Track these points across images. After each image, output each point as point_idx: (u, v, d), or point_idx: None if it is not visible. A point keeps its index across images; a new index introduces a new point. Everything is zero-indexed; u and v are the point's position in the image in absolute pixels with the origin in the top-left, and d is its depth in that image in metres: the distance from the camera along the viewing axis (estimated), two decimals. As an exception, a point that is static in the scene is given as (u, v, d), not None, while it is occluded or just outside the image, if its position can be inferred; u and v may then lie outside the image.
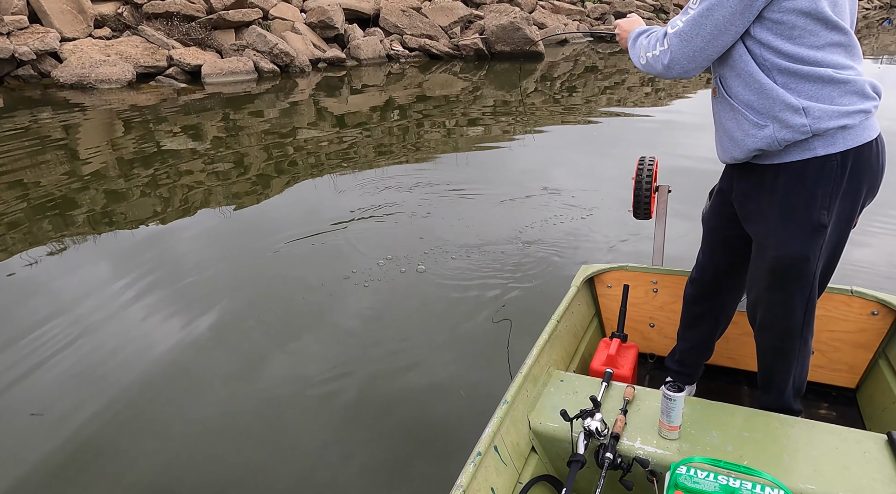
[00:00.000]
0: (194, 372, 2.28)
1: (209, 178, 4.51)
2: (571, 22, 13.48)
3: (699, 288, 1.69)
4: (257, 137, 5.63)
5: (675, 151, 5.14)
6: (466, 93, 7.85)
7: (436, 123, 6.27)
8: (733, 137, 1.37)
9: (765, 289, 1.44)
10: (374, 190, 4.29)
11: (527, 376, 1.49)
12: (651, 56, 1.33)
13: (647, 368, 2.02)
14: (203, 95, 7.46)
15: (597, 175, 4.58)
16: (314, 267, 3.09)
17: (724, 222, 1.57)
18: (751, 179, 1.41)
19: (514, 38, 10.46)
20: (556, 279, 2.97)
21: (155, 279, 2.97)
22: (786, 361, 1.51)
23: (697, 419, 1.40)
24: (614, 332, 1.84)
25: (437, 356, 2.37)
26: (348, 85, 8.38)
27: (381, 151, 5.30)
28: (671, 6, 15.55)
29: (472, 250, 3.31)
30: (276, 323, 2.61)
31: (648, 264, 2.00)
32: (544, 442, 1.45)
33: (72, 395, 2.13)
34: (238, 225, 3.66)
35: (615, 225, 3.66)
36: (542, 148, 5.37)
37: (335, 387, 2.19)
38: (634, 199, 1.98)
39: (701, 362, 1.80)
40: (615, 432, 1.34)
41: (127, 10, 8.56)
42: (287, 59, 8.83)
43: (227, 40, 8.93)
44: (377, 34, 10.52)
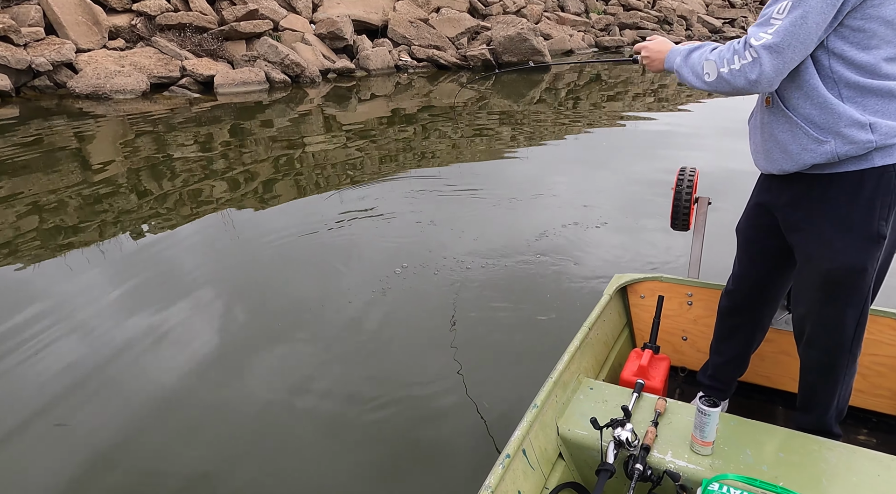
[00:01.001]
0: (213, 381, 2.31)
1: (219, 186, 4.56)
2: (577, 33, 13.60)
3: (735, 300, 1.66)
4: (267, 146, 5.70)
5: (680, 161, 5.18)
6: (472, 103, 7.93)
7: (442, 133, 6.33)
8: (787, 151, 1.33)
9: (816, 302, 1.40)
10: (386, 199, 4.33)
11: (557, 381, 1.49)
12: (728, 72, 1.25)
13: (678, 381, 1.99)
14: (215, 105, 7.55)
15: (603, 184, 4.62)
16: (328, 276, 3.12)
17: (761, 234, 1.53)
18: (797, 189, 1.37)
19: (522, 48, 10.56)
20: (567, 291, 3.00)
21: (161, 287, 3.00)
22: (832, 379, 1.46)
23: (731, 436, 1.37)
24: (646, 343, 1.82)
25: (443, 363, 2.39)
26: (357, 95, 8.47)
27: (392, 159, 5.35)
28: (675, 17, 15.68)
29: (482, 257, 3.34)
30: (301, 335, 2.64)
31: (683, 276, 1.97)
32: (572, 449, 1.44)
33: (87, 404, 2.15)
34: (246, 233, 3.69)
35: (622, 235, 3.69)
36: (548, 156, 5.41)
37: (370, 397, 2.21)
38: (673, 209, 1.95)
39: (734, 377, 1.75)
40: (646, 443, 1.32)
41: (140, 22, 8.68)
42: (298, 69, 8.93)
43: (238, 51, 9.04)
44: (386, 45, 10.64)
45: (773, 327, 1.78)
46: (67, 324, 2.66)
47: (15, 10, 7.69)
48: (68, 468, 1.84)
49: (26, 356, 2.43)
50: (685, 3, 16.89)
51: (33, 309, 2.78)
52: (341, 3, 10.92)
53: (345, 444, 1.93)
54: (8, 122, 6.37)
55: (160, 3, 8.77)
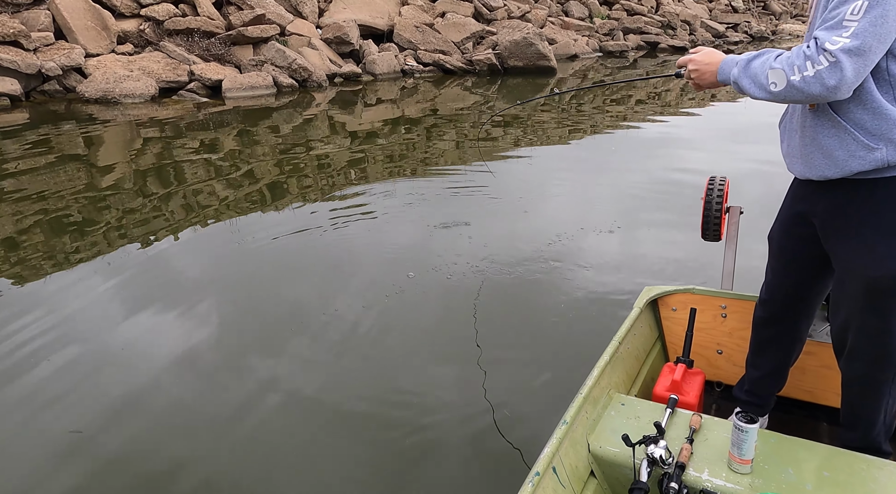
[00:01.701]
0: (216, 391, 2.31)
1: (226, 190, 4.56)
2: (581, 37, 13.65)
3: (770, 310, 1.60)
4: (274, 151, 5.72)
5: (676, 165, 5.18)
6: (478, 106, 7.95)
7: (447, 136, 6.34)
8: (832, 156, 1.27)
9: (858, 312, 1.35)
10: (393, 202, 4.34)
11: (587, 397, 1.45)
12: (800, 79, 1.16)
13: (714, 397, 1.93)
14: (224, 109, 7.58)
15: (610, 188, 4.62)
16: (338, 281, 3.10)
17: (797, 242, 1.48)
18: (838, 195, 1.32)
19: (528, 53, 10.60)
20: (583, 298, 3.00)
21: (163, 290, 2.99)
22: (876, 393, 1.39)
23: (771, 453, 1.31)
24: (679, 357, 1.75)
25: (448, 370, 2.39)
26: (363, 99, 8.50)
27: (398, 163, 5.36)
28: (678, 22, 15.73)
29: (493, 263, 3.33)
30: (323, 340, 2.63)
31: (717, 288, 1.91)
32: (604, 467, 1.40)
33: (92, 410, 2.15)
34: (252, 237, 3.68)
35: (635, 239, 3.68)
36: (553, 159, 5.42)
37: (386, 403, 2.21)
38: (703, 220, 1.90)
39: (773, 392, 1.69)
40: (680, 461, 1.28)
41: (149, 27, 8.73)
42: (305, 74, 8.97)
43: (245, 56, 9.08)
44: (392, 49, 10.68)
45: (814, 339, 1.73)
46: (67, 328, 2.66)
47: (25, 16, 7.73)
48: (73, 472, 1.84)
49: (24, 357, 2.43)
50: (688, 9, 16.95)
51: (38, 310, 2.78)
52: (347, 7, 10.98)
53: (364, 461, 1.93)
54: (18, 126, 6.40)
55: (168, 8, 8.82)
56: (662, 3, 16.15)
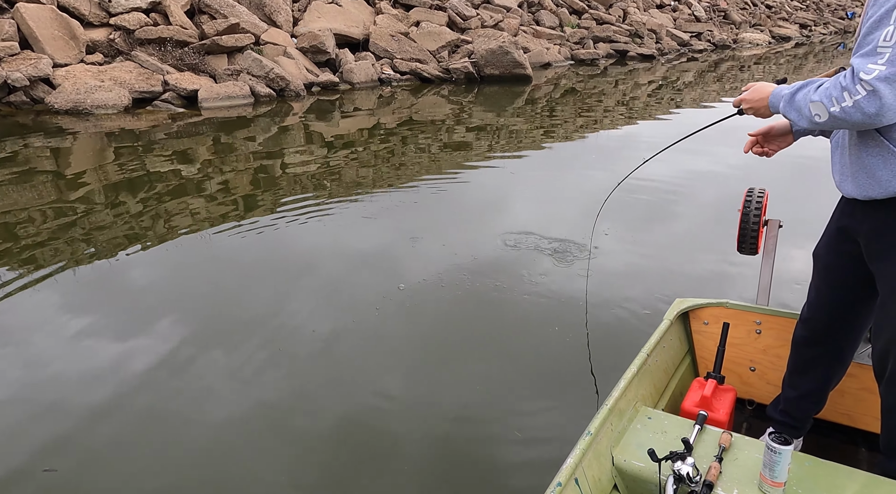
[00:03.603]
0: (190, 404, 2.26)
1: (200, 202, 4.46)
2: (553, 46, 13.90)
3: (812, 329, 1.55)
4: (251, 161, 5.63)
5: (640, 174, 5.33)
6: (453, 115, 8.00)
7: (424, 146, 6.37)
8: (876, 176, 1.27)
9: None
10: (374, 212, 4.33)
11: (612, 409, 1.41)
12: (840, 110, 1.17)
13: (745, 415, 1.88)
14: (200, 120, 7.44)
15: (591, 193, 4.71)
16: (327, 293, 3.05)
17: (843, 261, 1.46)
18: (883, 215, 1.30)
19: (504, 61, 10.74)
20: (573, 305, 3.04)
21: (133, 305, 2.91)
22: None
23: (805, 477, 1.26)
24: (710, 372, 1.70)
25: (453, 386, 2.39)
26: (340, 109, 8.46)
27: (376, 172, 5.35)
28: (645, 31, 16.18)
29: (470, 273, 3.36)
30: (306, 355, 2.60)
31: (752, 303, 1.87)
32: (628, 481, 1.37)
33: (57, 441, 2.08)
34: (225, 249, 3.60)
35: (630, 245, 3.76)
36: (528, 166, 5.50)
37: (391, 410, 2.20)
38: (740, 232, 1.87)
39: (810, 414, 1.64)
40: (708, 480, 1.24)
41: (119, 36, 8.50)
42: (282, 83, 8.88)
43: (220, 65, 8.93)
44: (368, 58, 10.67)
45: (856, 361, 1.67)
46: (28, 345, 2.57)
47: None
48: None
49: None
50: (654, 18, 17.46)
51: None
52: (322, 16, 10.93)
53: (394, 471, 1.91)
54: (-16, 139, 6.14)
55: (139, 16, 8.61)
56: (629, 12, 16.59)
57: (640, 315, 2.82)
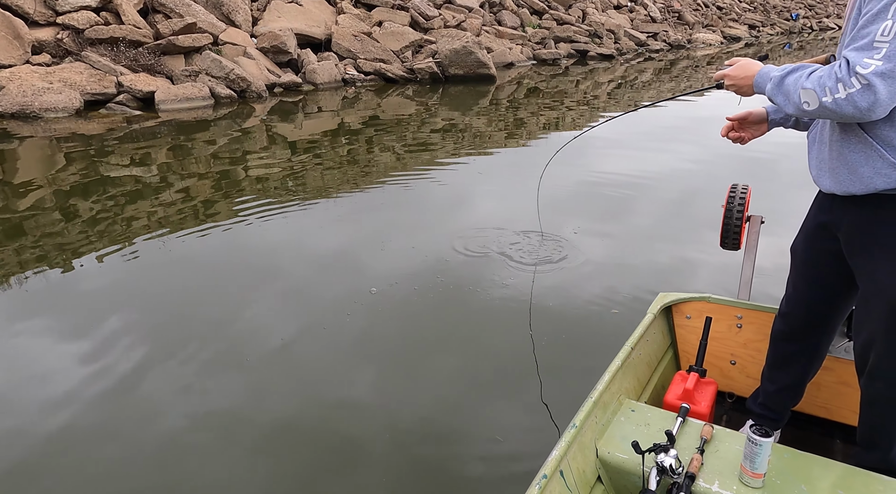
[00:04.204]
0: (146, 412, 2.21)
1: (157, 207, 4.33)
2: (515, 46, 14.05)
3: (790, 324, 1.57)
4: (210, 164, 5.50)
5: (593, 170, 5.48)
6: (418, 115, 8.00)
7: (389, 146, 6.36)
8: (857, 173, 1.25)
9: (881, 331, 1.32)
10: (342, 214, 4.30)
11: (597, 402, 1.43)
12: (832, 101, 1.15)
13: (725, 408, 1.91)
14: (157, 122, 7.21)
15: (567, 190, 4.80)
16: (296, 299, 3.00)
17: (822, 257, 1.45)
18: (862, 211, 1.30)
19: (468, 61, 10.79)
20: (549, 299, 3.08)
21: (85, 313, 2.81)
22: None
23: (784, 469, 1.29)
24: (692, 366, 1.72)
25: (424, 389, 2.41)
26: (303, 110, 8.35)
27: (340, 174, 5.31)
28: (604, 31, 16.53)
29: (442, 274, 3.39)
30: (272, 362, 2.57)
31: (733, 298, 1.89)
32: (612, 473, 1.39)
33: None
34: (184, 256, 3.51)
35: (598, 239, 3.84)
36: (491, 166, 5.56)
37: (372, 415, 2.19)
38: (723, 228, 1.88)
39: (788, 407, 1.66)
40: (690, 471, 1.26)
41: (67, 36, 8.15)
42: (244, 84, 8.69)
43: (177, 66, 8.68)
44: (331, 59, 10.55)
45: (832, 355, 1.70)
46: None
47: (-79, 23, 7.02)
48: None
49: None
50: (612, 18, 17.86)
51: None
52: (282, 16, 10.74)
53: (367, 470, 1.90)
54: (-79, 145, 5.79)
55: (88, 15, 8.27)
56: (588, 13, 16.92)
57: (608, 311, 2.89)
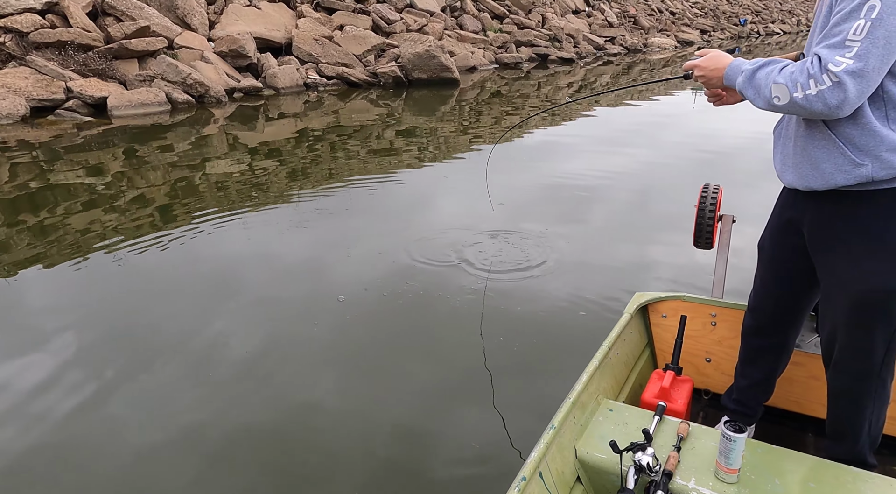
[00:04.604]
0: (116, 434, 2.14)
1: (109, 216, 4.17)
2: (477, 50, 14.17)
3: (759, 319, 1.59)
4: (166, 171, 5.35)
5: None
6: (383, 120, 7.97)
7: (352, 151, 6.32)
8: (819, 168, 1.27)
9: (843, 325, 1.34)
10: (306, 220, 4.25)
11: (575, 402, 1.43)
12: (802, 97, 1.16)
13: (702, 404, 1.91)
14: (110, 129, 6.95)
15: (526, 192, 4.87)
16: (260, 309, 2.94)
17: (788, 253, 1.46)
18: (824, 207, 1.31)
19: (431, 65, 10.82)
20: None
21: (33, 333, 2.69)
22: (861, 405, 1.40)
23: (758, 463, 1.31)
24: (668, 364, 1.74)
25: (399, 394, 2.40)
26: (265, 114, 8.20)
27: (302, 179, 5.25)
28: (563, 35, 16.85)
29: (412, 280, 3.39)
30: (237, 376, 2.51)
31: (707, 296, 1.91)
32: (591, 473, 1.39)
33: None
34: (139, 267, 3.39)
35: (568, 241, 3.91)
36: (453, 170, 5.60)
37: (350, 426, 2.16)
38: (696, 227, 1.90)
39: (761, 402, 1.68)
40: (667, 469, 1.27)
41: (10, 40, 7.78)
42: (202, 89, 8.47)
43: (131, 70, 8.39)
44: (293, 63, 10.40)
45: (802, 350, 1.73)
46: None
47: None
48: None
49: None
50: (571, 23, 18.23)
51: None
52: (240, 20, 10.54)
53: (348, 472, 1.87)
54: None
55: (33, 18, 7.92)
56: (548, 17, 17.22)
57: (577, 314, 2.93)
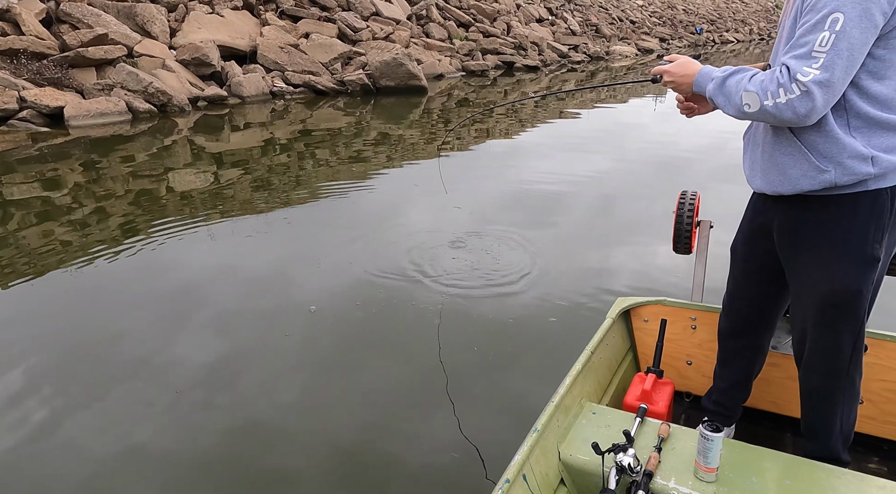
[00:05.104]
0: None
1: (66, 231, 4.04)
2: (444, 57, 14.29)
3: (733, 320, 1.63)
4: (127, 183, 5.21)
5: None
6: (350, 128, 7.95)
7: (321, 159, 6.30)
8: (786, 174, 1.31)
9: (812, 325, 1.38)
10: (273, 230, 4.22)
11: (558, 405, 1.45)
12: (773, 105, 1.20)
13: (683, 407, 1.96)
14: (67, 140, 6.73)
15: (497, 198, 4.94)
16: (229, 323, 2.88)
17: (760, 256, 1.50)
18: (791, 211, 1.36)
19: (399, 73, 10.85)
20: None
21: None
22: (831, 403, 1.43)
23: (736, 462, 1.34)
24: (650, 367, 1.78)
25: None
26: (230, 123, 8.08)
27: (269, 188, 5.21)
28: (528, 44, 17.15)
29: (383, 289, 3.40)
30: (207, 393, 2.48)
31: (687, 299, 1.95)
32: (574, 475, 1.41)
33: None
34: (98, 283, 3.29)
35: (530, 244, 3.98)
36: (424, 176, 5.64)
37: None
38: (675, 233, 1.94)
39: (739, 403, 1.72)
40: (648, 469, 1.30)
41: (-42, 48, 7.46)
42: (164, 98, 8.28)
43: (88, 79, 8.15)
44: (258, 71, 10.28)
45: (779, 351, 1.77)
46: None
47: None
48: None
49: None
50: (535, 31, 18.57)
51: None
52: (202, 27, 10.36)
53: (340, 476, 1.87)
54: None
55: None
56: (513, 25, 17.50)
57: (547, 320, 2.98)
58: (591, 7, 23.63)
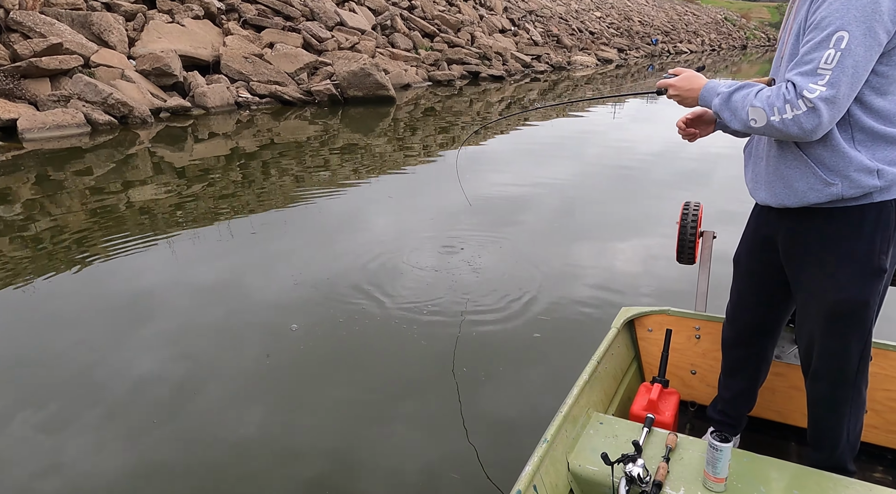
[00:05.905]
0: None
1: (18, 249, 3.89)
2: (410, 67, 14.36)
3: (737, 329, 1.64)
4: (83, 197, 5.03)
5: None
6: (318, 138, 7.90)
7: (289, 168, 6.25)
8: (792, 187, 1.33)
9: (819, 334, 1.39)
10: (242, 245, 4.16)
11: (567, 416, 1.45)
12: (779, 120, 1.21)
13: (688, 416, 1.96)
14: (20, 153, 6.46)
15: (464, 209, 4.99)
16: (205, 345, 2.80)
17: (764, 267, 1.51)
18: (797, 223, 1.37)
19: (366, 83, 10.85)
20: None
21: None
22: (838, 412, 1.44)
23: (744, 472, 1.35)
24: (655, 377, 1.78)
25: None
26: (194, 135, 7.91)
27: (234, 201, 5.13)
28: (492, 54, 17.42)
29: (365, 302, 3.40)
30: (185, 419, 2.42)
31: (691, 309, 1.97)
32: (583, 485, 1.41)
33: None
34: (52, 300, 3.17)
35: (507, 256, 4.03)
36: (396, 186, 5.66)
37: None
38: (679, 243, 1.96)
39: (744, 412, 1.73)
40: (658, 480, 1.31)
41: None
42: (125, 109, 8.04)
43: (43, 90, 7.85)
44: (222, 81, 10.10)
45: (783, 361, 1.78)
46: None
47: None
48: None
49: None
50: (499, 41, 18.88)
51: None
52: (163, 37, 10.13)
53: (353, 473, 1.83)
54: None
55: (-74, 34, 7.26)
56: (476, 36, 17.75)
57: (531, 335, 3.02)
58: (552, 18, 24.22)
